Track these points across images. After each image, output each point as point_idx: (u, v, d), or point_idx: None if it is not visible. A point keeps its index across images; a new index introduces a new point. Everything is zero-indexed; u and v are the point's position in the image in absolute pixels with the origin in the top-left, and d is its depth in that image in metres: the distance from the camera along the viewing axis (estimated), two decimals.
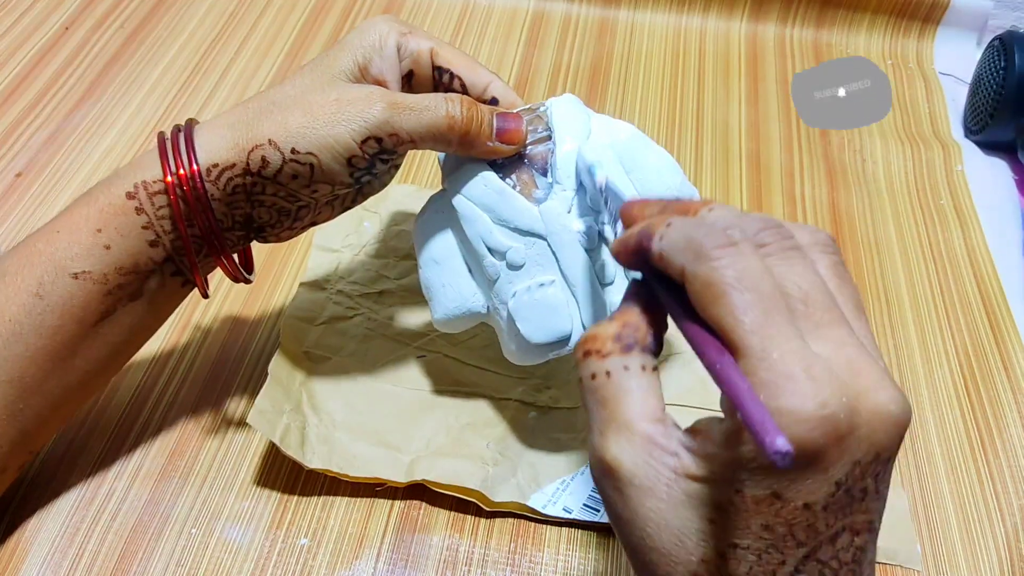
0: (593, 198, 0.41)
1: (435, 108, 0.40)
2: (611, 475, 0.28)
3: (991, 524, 0.47)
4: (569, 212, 0.42)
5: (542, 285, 0.42)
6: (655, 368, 0.29)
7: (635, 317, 0.29)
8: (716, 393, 0.51)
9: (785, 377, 0.25)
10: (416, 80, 0.44)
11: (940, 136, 0.71)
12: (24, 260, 0.41)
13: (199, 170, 0.40)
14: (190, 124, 0.42)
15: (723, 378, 0.25)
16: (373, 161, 0.41)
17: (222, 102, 0.70)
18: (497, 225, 0.42)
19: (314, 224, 0.45)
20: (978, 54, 0.73)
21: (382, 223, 0.58)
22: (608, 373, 0.28)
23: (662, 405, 0.28)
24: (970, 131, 0.72)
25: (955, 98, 0.75)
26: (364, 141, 0.40)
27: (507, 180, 0.42)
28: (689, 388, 0.50)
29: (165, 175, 0.40)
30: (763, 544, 0.26)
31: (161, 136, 0.41)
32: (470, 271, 0.44)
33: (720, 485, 0.26)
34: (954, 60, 0.79)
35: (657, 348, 0.29)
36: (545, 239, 0.42)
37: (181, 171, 0.40)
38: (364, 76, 0.42)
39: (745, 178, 0.67)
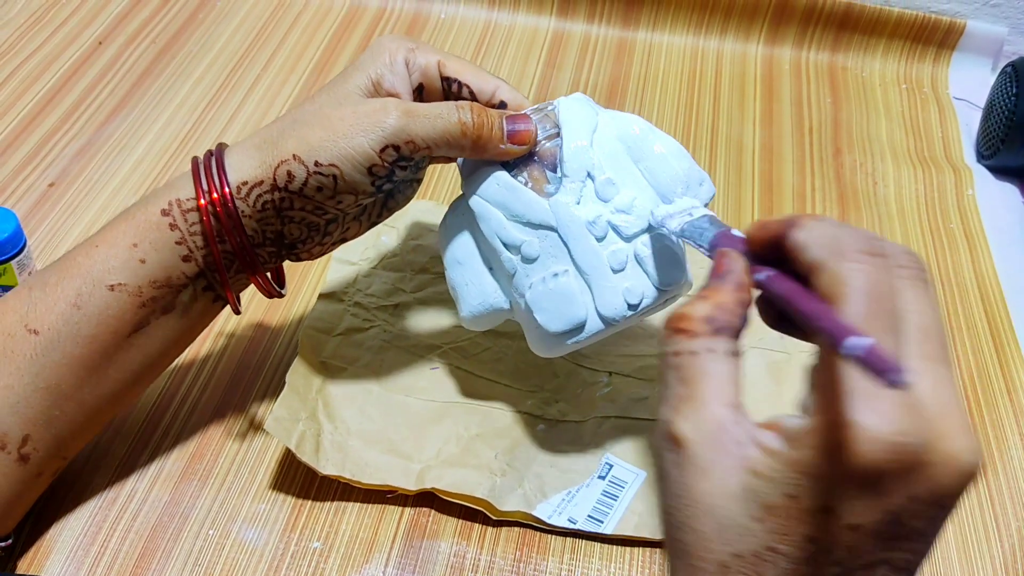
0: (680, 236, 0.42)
1: (448, 115, 0.42)
2: (675, 449, 0.28)
3: (989, 544, 0.48)
4: (579, 203, 0.43)
5: (556, 275, 0.43)
6: (737, 354, 0.29)
7: (728, 298, 0.30)
8: None
9: (874, 395, 0.25)
10: (427, 92, 0.46)
11: (952, 160, 0.72)
12: (64, 272, 0.43)
13: (230, 191, 0.42)
14: (221, 148, 0.44)
15: (823, 318, 0.26)
16: (392, 169, 0.43)
17: (249, 116, 0.72)
18: (510, 221, 0.44)
19: (344, 240, 0.47)
20: (993, 79, 0.74)
21: (399, 237, 0.60)
22: (694, 353, 0.29)
23: (738, 393, 0.29)
24: (982, 156, 0.73)
25: (969, 123, 0.76)
26: (383, 150, 0.42)
27: (519, 178, 0.44)
28: None
29: (198, 196, 0.42)
30: (801, 554, 0.26)
31: (195, 160, 0.44)
32: (491, 269, 0.46)
33: (776, 484, 0.26)
34: (969, 85, 0.80)
35: (742, 330, 0.30)
36: (556, 231, 0.43)
37: (214, 194, 0.42)
38: (378, 92, 0.44)
39: (757, 198, 0.68)
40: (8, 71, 0.75)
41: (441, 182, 0.68)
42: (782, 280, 0.30)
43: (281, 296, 0.48)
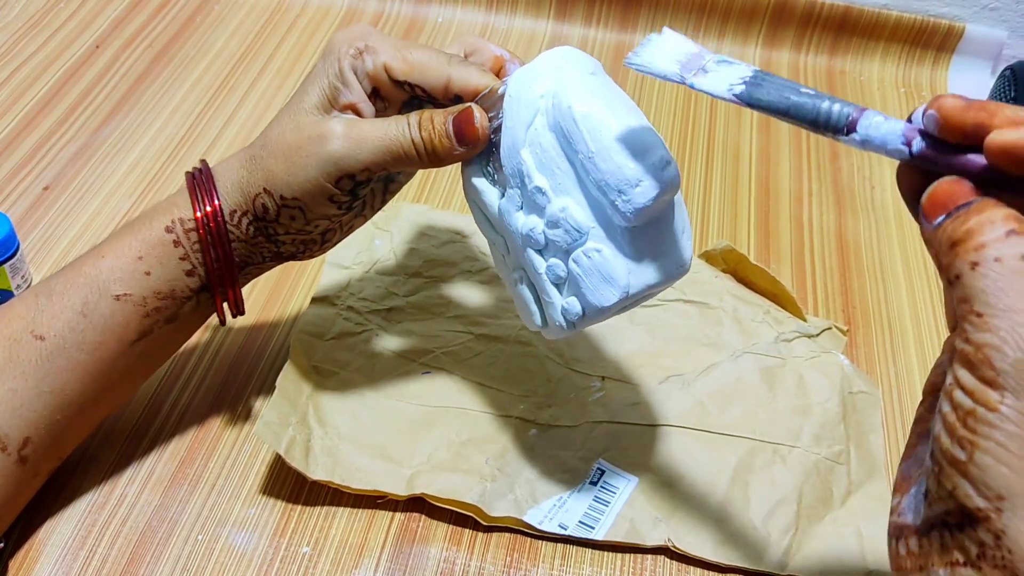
0: None
1: (399, 134, 0.41)
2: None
3: None
4: (520, 209, 0.41)
5: (518, 277, 0.44)
6: None
7: None
8: (713, 415, 0.51)
9: None
10: (383, 93, 0.43)
11: None
12: (70, 281, 0.44)
13: (222, 217, 0.44)
14: (206, 165, 0.45)
15: None
16: (355, 191, 0.43)
17: (245, 121, 0.72)
18: (484, 218, 0.44)
19: (351, 231, 0.48)
20: (992, 83, 0.74)
21: (393, 241, 0.60)
22: None
23: None
24: None
25: None
26: (337, 181, 0.42)
27: (489, 167, 0.43)
28: (687, 410, 0.51)
29: (196, 218, 0.44)
30: None
31: (189, 177, 0.45)
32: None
33: None
34: (968, 89, 0.79)
35: None
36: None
37: (211, 222, 0.44)
38: (334, 105, 0.43)
39: (753, 203, 0.68)
40: (5, 74, 0.75)
41: (436, 184, 0.68)
42: None
43: (242, 313, 0.48)
